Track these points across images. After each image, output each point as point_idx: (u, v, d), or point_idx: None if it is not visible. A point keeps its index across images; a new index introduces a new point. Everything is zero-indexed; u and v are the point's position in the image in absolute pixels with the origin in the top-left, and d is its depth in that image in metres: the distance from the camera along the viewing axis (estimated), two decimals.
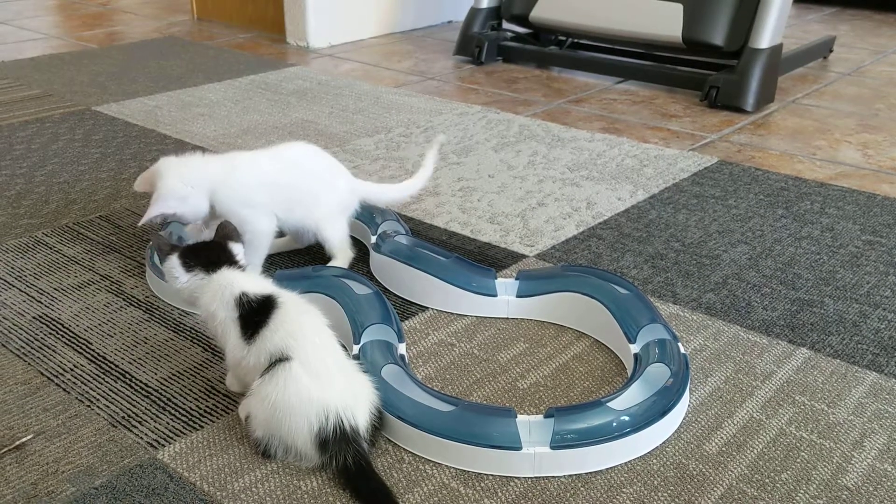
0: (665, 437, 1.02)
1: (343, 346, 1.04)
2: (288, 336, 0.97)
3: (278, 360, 0.96)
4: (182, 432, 1.03)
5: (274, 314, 0.99)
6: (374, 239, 1.42)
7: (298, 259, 1.46)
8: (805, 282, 1.39)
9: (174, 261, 1.07)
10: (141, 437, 1.02)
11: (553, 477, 0.96)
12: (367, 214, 1.48)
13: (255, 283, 1.05)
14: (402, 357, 1.11)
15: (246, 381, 1.03)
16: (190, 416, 1.06)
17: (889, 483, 0.95)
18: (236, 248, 1.10)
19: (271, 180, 1.34)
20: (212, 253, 1.08)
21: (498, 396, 1.10)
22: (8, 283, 1.37)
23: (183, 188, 1.28)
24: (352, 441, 0.93)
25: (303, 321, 0.99)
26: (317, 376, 0.95)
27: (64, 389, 1.11)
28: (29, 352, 1.19)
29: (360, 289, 1.22)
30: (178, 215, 1.30)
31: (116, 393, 1.10)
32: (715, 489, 0.94)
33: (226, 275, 1.05)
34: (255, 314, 1.00)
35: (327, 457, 0.94)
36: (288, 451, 0.96)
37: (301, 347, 0.96)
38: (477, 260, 1.44)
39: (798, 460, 0.99)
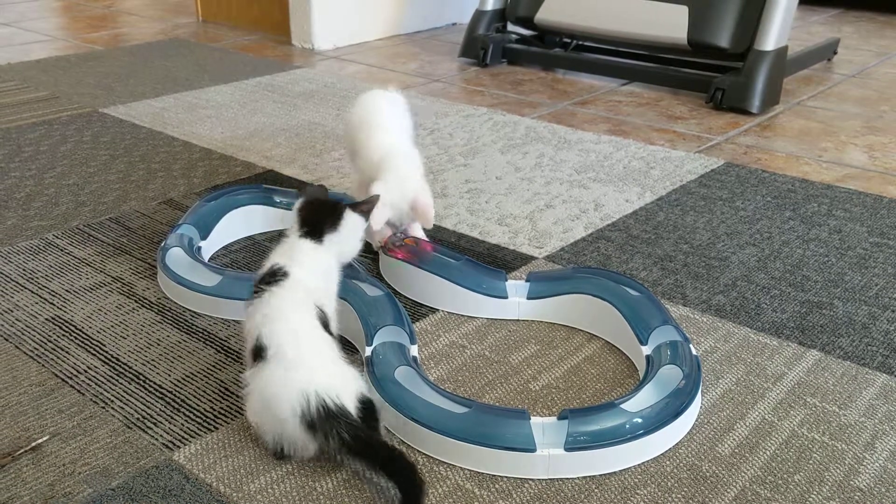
0: (678, 439, 1.02)
1: (332, 337, 1.03)
2: (266, 320, 0.99)
3: (257, 349, 0.97)
4: (197, 434, 1.03)
5: (266, 292, 1.02)
6: None
7: None
8: (814, 284, 1.40)
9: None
10: (156, 439, 1.02)
11: (567, 478, 0.97)
12: None
13: (293, 260, 1.06)
14: (414, 359, 1.12)
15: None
16: (204, 418, 1.06)
17: None
18: (344, 225, 1.12)
19: None
20: (319, 217, 1.11)
21: (510, 398, 1.11)
22: (20, 284, 1.38)
23: None
24: (340, 416, 0.92)
25: (283, 307, 1.00)
26: (292, 362, 0.95)
27: (78, 391, 1.11)
28: (43, 353, 1.19)
29: (371, 291, 1.23)
30: None
31: (131, 394, 1.11)
32: (728, 490, 0.95)
33: (295, 241, 1.10)
34: (261, 281, 1.04)
35: (322, 438, 0.93)
36: (284, 442, 0.96)
37: (276, 335, 0.97)
38: (486, 262, 1.45)
39: (810, 462, 0.99)
